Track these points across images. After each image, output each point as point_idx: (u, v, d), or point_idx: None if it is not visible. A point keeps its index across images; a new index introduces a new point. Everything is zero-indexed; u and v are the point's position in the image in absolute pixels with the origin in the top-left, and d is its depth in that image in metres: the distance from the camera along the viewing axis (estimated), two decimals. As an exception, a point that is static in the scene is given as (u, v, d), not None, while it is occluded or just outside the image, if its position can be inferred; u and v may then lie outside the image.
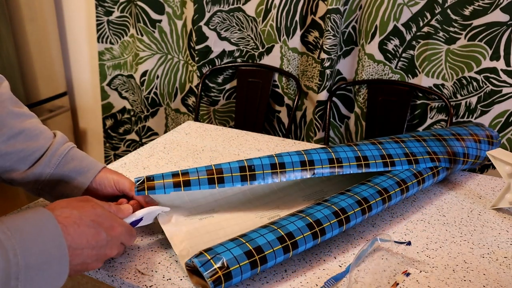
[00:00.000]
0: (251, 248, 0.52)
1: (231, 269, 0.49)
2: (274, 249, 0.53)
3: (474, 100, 1.32)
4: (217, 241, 0.54)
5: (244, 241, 0.53)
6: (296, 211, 0.61)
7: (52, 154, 0.58)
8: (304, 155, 0.67)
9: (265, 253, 0.52)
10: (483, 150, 0.84)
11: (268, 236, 0.54)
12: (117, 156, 2.02)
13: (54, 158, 0.58)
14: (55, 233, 0.40)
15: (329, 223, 0.59)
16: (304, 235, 0.56)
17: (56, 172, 0.58)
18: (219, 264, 0.49)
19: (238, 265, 0.50)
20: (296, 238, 0.55)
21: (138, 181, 0.60)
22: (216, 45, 1.64)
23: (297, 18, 1.49)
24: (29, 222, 0.39)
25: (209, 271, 0.49)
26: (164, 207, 0.61)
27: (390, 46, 1.39)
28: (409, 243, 0.61)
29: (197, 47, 1.64)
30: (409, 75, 1.41)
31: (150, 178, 0.60)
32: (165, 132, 1.88)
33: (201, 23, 1.59)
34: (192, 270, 0.52)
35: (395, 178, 0.70)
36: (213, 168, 0.63)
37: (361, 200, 0.64)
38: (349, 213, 0.61)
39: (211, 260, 0.49)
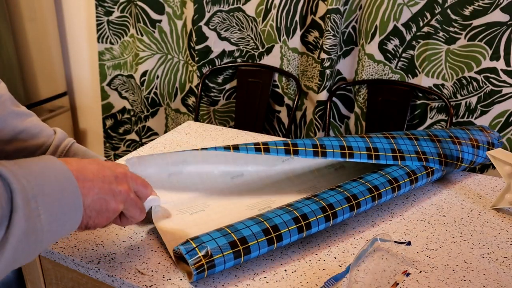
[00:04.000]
0: (235, 238, 0.53)
1: (214, 257, 0.51)
2: (259, 240, 0.54)
3: (474, 100, 1.32)
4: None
5: (230, 232, 0.54)
6: (285, 204, 0.62)
7: (54, 151, 0.60)
8: (317, 141, 0.71)
9: (249, 244, 0.53)
10: (480, 157, 0.84)
11: (254, 228, 0.55)
12: (117, 156, 2.02)
13: (56, 154, 0.60)
14: (59, 165, 0.40)
15: (315, 217, 0.60)
16: (289, 228, 0.57)
17: None
18: (203, 253, 0.51)
19: (221, 255, 0.51)
20: (281, 231, 0.56)
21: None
22: (216, 45, 1.64)
23: (297, 18, 1.49)
24: (33, 161, 0.39)
25: (193, 258, 0.50)
26: (159, 199, 0.62)
27: (390, 46, 1.39)
28: (409, 243, 0.61)
29: (197, 47, 1.64)
30: (409, 75, 1.41)
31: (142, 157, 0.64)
32: (165, 132, 1.88)
33: (201, 23, 1.59)
34: (179, 257, 0.54)
35: (387, 176, 0.71)
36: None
37: (350, 196, 0.65)
38: (336, 209, 0.62)
39: (196, 248, 0.51)
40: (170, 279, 0.53)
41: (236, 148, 0.66)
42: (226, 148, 0.65)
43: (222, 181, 0.72)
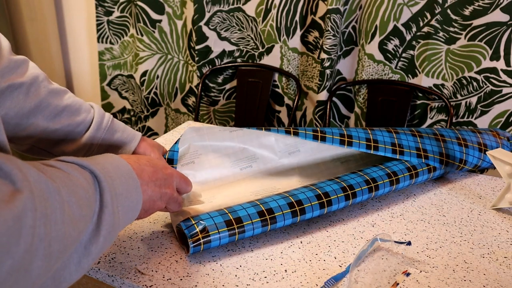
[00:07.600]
0: (231, 218, 0.57)
1: (210, 233, 0.55)
2: (253, 221, 0.58)
3: (474, 100, 1.32)
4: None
5: (227, 212, 0.58)
6: (282, 191, 0.64)
7: (98, 127, 0.62)
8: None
9: (244, 224, 0.57)
10: (486, 162, 0.84)
11: (250, 210, 0.59)
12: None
13: (100, 130, 0.62)
14: (126, 166, 0.45)
15: (310, 204, 0.62)
16: (284, 212, 0.60)
17: (104, 143, 0.63)
18: (200, 228, 0.55)
19: (217, 231, 0.56)
20: (275, 214, 0.59)
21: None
22: (216, 45, 1.64)
23: (297, 18, 1.49)
24: (105, 160, 0.43)
25: (191, 233, 0.55)
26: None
27: (390, 46, 1.39)
28: (409, 243, 0.61)
29: (197, 47, 1.64)
30: (409, 75, 1.41)
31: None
32: (165, 132, 1.88)
33: (201, 23, 1.59)
34: (181, 233, 0.58)
35: (386, 170, 0.72)
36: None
37: (347, 186, 0.66)
38: (331, 197, 0.64)
39: (195, 224, 0.56)
40: (170, 279, 0.53)
41: (296, 133, 0.70)
42: (287, 132, 0.70)
43: (232, 172, 0.73)
